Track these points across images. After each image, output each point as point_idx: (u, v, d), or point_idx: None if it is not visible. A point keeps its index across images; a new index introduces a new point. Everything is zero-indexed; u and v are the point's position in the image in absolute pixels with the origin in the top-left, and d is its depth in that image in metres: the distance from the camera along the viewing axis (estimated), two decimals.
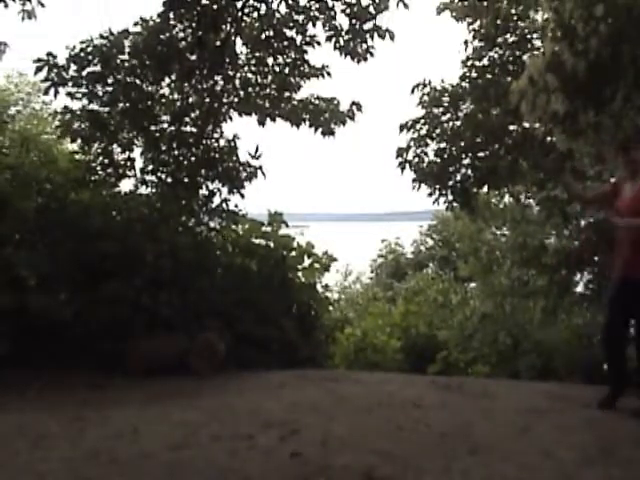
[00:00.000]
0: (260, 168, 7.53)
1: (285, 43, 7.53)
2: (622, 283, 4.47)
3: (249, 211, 7.61)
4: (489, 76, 8.62)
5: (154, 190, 7.38)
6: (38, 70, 6.85)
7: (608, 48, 5.20)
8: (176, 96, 7.62)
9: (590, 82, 5.46)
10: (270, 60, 7.71)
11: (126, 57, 7.12)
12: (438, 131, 8.85)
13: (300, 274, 7.56)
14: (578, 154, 7.74)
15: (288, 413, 4.07)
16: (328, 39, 7.36)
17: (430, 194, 8.98)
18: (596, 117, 5.65)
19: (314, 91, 7.99)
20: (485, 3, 8.35)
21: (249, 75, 7.88)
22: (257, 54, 7.73)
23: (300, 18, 7.41)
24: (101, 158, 7.24)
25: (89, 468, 3.04)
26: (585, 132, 5.87)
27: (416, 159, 8.86)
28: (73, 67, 6.93)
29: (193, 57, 7.37)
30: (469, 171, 8.86)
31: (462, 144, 8.66)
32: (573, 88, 5.54)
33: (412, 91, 8.89)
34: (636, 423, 4.06)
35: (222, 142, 7.64)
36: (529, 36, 8.59)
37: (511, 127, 8.57)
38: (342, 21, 7.33)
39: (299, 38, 7.51)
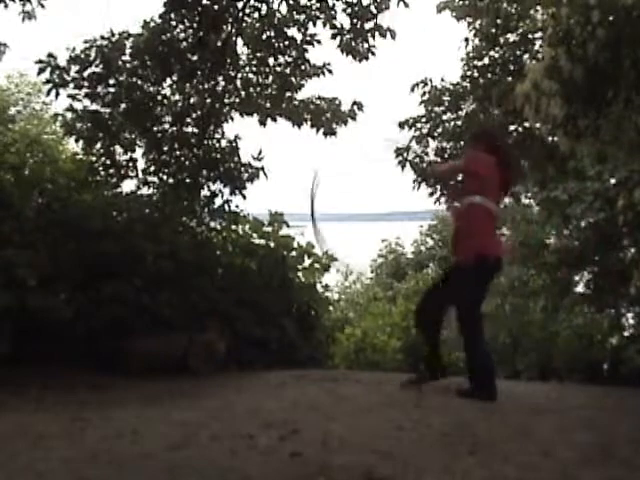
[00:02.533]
0: (262, 169, 7.54)
1: (286, 42, 7.54)
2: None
3: (249, 211, 7.64)
4: (490, 76, 8.63)
5: (156, 191, 7.39)
6: (41, 71, 6.86)
7: (606, 53, 5.21)
8: (177, 97, 7.63)
9: (589, 87, 5.47)
10: (271, 60, 7.72)
11: (127, 58, 7.13)
12: (439, 130, 8.86)
13: (300, 274, 7.57)
14: (580, 154, 7.76)
15: (288, 413, 4.06)
16: (333, 37, 7.38)
17: (431, 194, 8.98)
18: (596, 120, 5.66)
19: (315, 91, 8.02)
20: (486, 1, 8.36)
21: (250, 75, 7.89)
22: (258, 54, 7.74)
23: (301, 18, 7.42)
24: (103, 159, 7.25)
25: (89, 468, 3.04)
26: (585, 135, 5.88)
27: (417, 159, 8.87)
28: (74, 68, 6.94)
29: (194, 58, 7.37)
30: None
31: (463, 144, 8.66)
32: (572, 93, 5.56)
33: (412, 89, 8.91)
34: (635, 423, 4.07)
35: (223, 143, 7.65)
36: (530, 36, 8.60)
37: (512, 127, 8.58)
38: (343, 20, 7.37)
39: (300, 37, 7.53)
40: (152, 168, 7.41)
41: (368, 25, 7.27)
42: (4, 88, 14.11)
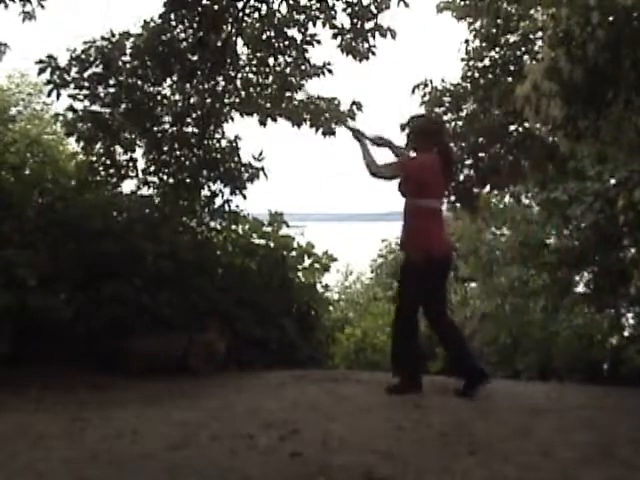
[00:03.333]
0: (262, 169, 7.54)
1: (286, 42, 7.54)
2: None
3: (249, 211, 7.64)
4: (490, 76, 8.63)
5: (156, 191, 7.39)
6: (41, 71, 6.87)
7: (606, 54, 5.21)
8: (177, 97, 7.63)
9: (589, 88, 5.47)
10: (271, 60, 7.72)
11: (128, 58, 7.13)
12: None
13: (300, 274, 7.57)
14: (580, 155, 7.77)
15: (288, 413, 4.07)
16: (333, 37, 7.39)
17: None
18: (596, 121, 5.66)
19: (315, 91, 8.01)
20: (486, 2, 8.35)
21: (250, 75, 7.89)
22: (258, 54, 7.74)
23: (301, 18, 7.43)
24: (103, 159, 7.26)
25: (89, 468, 3.04)
26: (585, 135, 5.89)
27: None
28: (75, 69, 6.95)
29: (194, 58, 7.37)
30: (471, 171, 8.86)
31: (464, 144, 8.66)
32: (572, 94, 5.56)
33: (412, 91, 8.91)
34: (635, 423, 4.07)
35: (223, 143, 7.65)
36: (530, 36, 8.59)
37: (512, 127, 8.58)
38: (343, 20, 7.37)
39: (300, 37, 7.53)
40: (152, 168, 7.40)
41: (368, 25, 7.27)
42: (5, 88, 14.10)
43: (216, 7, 7.23)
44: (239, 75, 7.82)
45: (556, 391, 5.45)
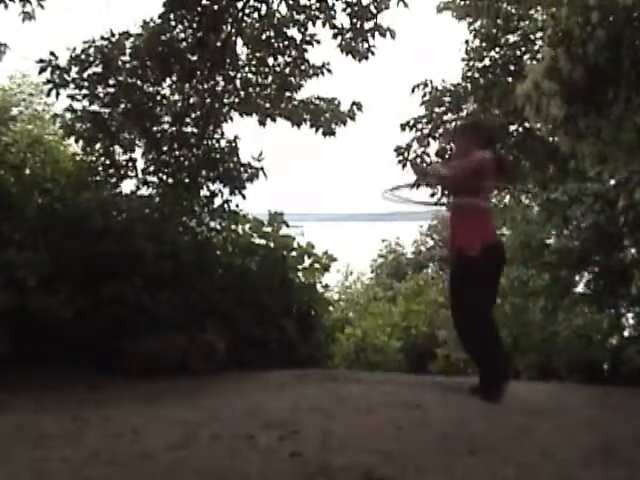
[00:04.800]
0: (261, 169, 7.54)
1: (286, 42, 7.55)
2: None
3: (248, 211, 7.64)
4: (490, 76, 8.64)
5: (155, 191, 7.40)
6: (42, 71, 6.88)
7: (606, 53, 5.22)
8: (177, 97, 7.63)
9: (589, 87, 5.48)
10: (271, 60, 7.73)
11: (127, 58, 7.13)
12: (440, 131, 8.87)
13: (300, 274, 7.57)
14: (580, 155, 7.76)
15: (288, 413, 4.06)
16: (334, 37, 7.40)
17: (433, 194, 8.98)
18: (596, 121, 5.67)
19: (315, 91, 8.03)
20: (486, 2, 8.36)
21: (250, 75, 7.90)
22: (258, 54, 7.75)
23: (301, 18, 7.43)
24: (103, 159, 7.26)
25: (89, 468, 3.03)
26: (585, 135, 5.89)
27: (418, 159, 8.87)
28: (74, 69, 6.95)
29: (194, 58, 7.38)
30: None
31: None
32: (572, 93, 5.57)
33: (412, 91, 8.92)
34: (636, 423, 4.08)
35: (223, 143, 7.66)
36: (531, 36, 8.60)
37: (512, 127, 8.59)
38: (343, 20, 7.39)
39: (300, 37, 7.54)
40: (151, 168, 7.41)
41: (368, 25, 7.28)
42: (6, 88, 14.12)
43: (216, 7, 7.24)
44: (238, 75, 7.83)
45: (556, 391, 5.46)
